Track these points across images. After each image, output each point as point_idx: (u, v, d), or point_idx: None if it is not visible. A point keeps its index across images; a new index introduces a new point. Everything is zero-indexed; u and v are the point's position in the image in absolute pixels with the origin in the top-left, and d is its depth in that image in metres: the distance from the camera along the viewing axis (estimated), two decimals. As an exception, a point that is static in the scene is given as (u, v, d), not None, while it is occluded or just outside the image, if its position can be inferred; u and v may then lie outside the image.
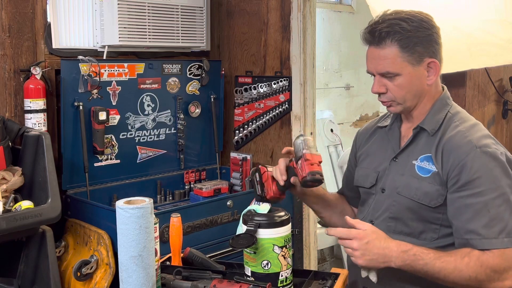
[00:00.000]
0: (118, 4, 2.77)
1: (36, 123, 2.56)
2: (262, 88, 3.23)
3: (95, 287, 2.35)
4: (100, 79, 2.73)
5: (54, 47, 2.72)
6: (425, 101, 1.67)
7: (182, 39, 3.10)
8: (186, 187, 3.19)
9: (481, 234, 1.50)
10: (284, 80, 3.12)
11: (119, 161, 2.91)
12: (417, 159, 1.64)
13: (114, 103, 2.86)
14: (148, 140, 3.04)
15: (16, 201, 2.18)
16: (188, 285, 1.51)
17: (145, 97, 3.00)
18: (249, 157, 3.23)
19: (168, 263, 1.71)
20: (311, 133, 3.10)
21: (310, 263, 3.11)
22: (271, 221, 1.50)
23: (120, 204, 1.40)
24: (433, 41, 1.62)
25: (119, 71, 2.86)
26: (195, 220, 2.59)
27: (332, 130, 4.35)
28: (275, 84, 3.16)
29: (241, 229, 1.54)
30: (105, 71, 2.79)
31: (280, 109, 3.16)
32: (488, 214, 1.51)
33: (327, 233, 1.58)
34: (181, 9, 3.07)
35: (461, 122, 1.64)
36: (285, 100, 3.12)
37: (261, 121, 3.25)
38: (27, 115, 2.56)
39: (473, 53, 2.97)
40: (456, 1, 3.09)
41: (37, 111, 2.57)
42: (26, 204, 2.15)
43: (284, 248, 1.49)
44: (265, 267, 1.48)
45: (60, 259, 2.52)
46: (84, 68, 2.68)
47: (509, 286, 1.49)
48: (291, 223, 1.54)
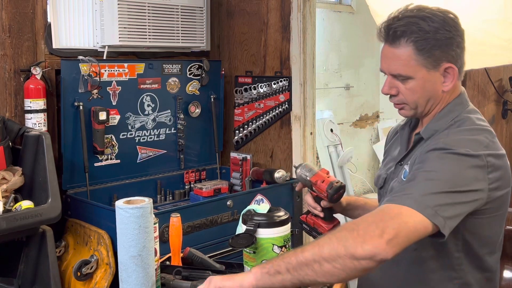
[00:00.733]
0: (118, 4, 2.77)
1: (36, 123, 2.56)
2: (262, 88, 3.23)
3: (95, 287, 2.35)
4: (100, 79, 2.74)
5: (54, 47, 2.72)
6: (439, 107, 1.53)
7: (182, 39, 3.10)
8: (186, 187, 3.19)
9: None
10: (284, 80, 3.12)
11: (119, 161, 2.92)
12: (408, 164, 1.53)
13: (114, 103, 2.86)
14: (148, 140, 3.04)
15: (16, 201, 2.18)
16: (187, 285, 1.51)
17: (145, 97, 3.00)
18: (249, 157, 3.23)
19: (168, 263, 1.72)
20: (311, 133, 3.10)
21: (310, 263, 3.11)
22: (271, 221, 1.50)
23: (119, 204, 1.40)
24: (454, 45, 1.48)
25: (119, 71, 2.87)
26: (195, 220, 2.59)
27: (332, 130, 4.35)
28: (275, 84, 3.16)
29: (241, 228, 1.54)
30: (105, 71, 2.79)
31: (280, 109, 3.16)
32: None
33: None
34: (181, 9, 3.07)
35: (458, 125, 1.49)
36: (285, 100, 3.12)
37: (261, 121, 3.25)
38: (27, 115, 2.57)
39: (473, 53, 2.96)
40: (456, 1, 3.09)
41: (37, 111, 2.57)
42: (26, 204, 2.15)
43: (283, 247, 1.50)
44: (264, 267, 1.48)
45: (60, 259, 2.52)
46: (84, 68, 2.69)
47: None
48: (290, 223, 1.54)
